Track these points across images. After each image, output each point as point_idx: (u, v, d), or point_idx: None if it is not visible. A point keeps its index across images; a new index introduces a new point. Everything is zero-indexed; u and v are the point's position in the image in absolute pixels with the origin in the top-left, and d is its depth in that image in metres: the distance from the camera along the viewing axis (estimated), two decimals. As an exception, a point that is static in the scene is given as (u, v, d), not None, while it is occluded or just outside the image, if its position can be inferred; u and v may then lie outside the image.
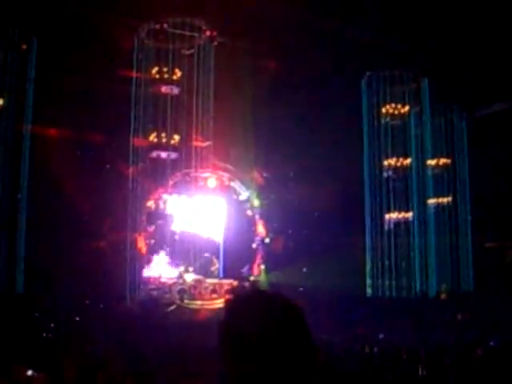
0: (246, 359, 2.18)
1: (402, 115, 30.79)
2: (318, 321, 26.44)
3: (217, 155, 28.42)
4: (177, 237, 28.28)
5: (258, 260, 29.14)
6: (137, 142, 27.48)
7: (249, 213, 29.64)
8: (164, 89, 28.02)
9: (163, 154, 28.03)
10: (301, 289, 27.41)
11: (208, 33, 28.03)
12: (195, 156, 28.06)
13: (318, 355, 2.24)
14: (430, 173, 30.85)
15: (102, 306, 25.01)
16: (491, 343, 16.64)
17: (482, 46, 26.23)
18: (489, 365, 12.20)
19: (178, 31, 27.64)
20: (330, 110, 28.25)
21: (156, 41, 27.64)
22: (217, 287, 27.96)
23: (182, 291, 27.30)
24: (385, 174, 30.44)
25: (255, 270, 28.94)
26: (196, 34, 27.99)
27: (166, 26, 27.43)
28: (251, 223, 29.65)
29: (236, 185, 29.52)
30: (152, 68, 27.98)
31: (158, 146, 27.94)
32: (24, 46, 25.03)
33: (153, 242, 28.05)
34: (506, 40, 25.58)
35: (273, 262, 29.02)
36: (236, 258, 29.16)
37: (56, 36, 24.70)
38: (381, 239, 30.01)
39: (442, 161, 31.02)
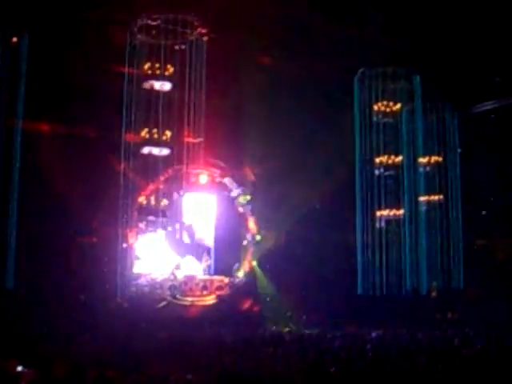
0: None
1: (394, 113, 30.78)
2: (309, 317, 26.54)
3: (208, 152, 28.37)
4: (168, 233, 28.26)
5: (249, 256, 29.15)
6: (128, 137, 27.39)
7: (240, 209, 29.65)
8: (156, 85, 27.95)
9: (155, 150, 27.96)
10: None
11: (200, 29, 27.94)
12: (187, 152, 27.99)
13: None
14: (421, 170, 30.88)
15: (92, 301, 24.94)
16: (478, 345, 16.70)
17: (475, 45, 26.27)
18: (478, 363, 12.24)
19: (171, 27, 27.54)
20: (323, 106, 28.23)
21: (148, 36, 27.54)
22: (207, 284, 27.97)
23: (172, 287, 27.29)
24: (376, 172, 30.44)
25: (246, 267, 28.95)
26: (188, 30, 27.90)
27: (158, 21, 27.32)
28: (242, 220, 29.65)
29: (227, 181, 29.51)
30: (144, 64, 27.88)
31: (150, 142, 27.86)
32: (15, 40, 24.87)
33: (144, 237, 28.03)
34: (499, 38, 25.63)
35: (263, 258, 29.05)
36: (227, 255, 29.18)
37: (48, 31, 24.58)
38: (372, 236, 30.03)
39: (434, 158, 31.04)
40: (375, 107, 30.64)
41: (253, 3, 26.35)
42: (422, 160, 30.96)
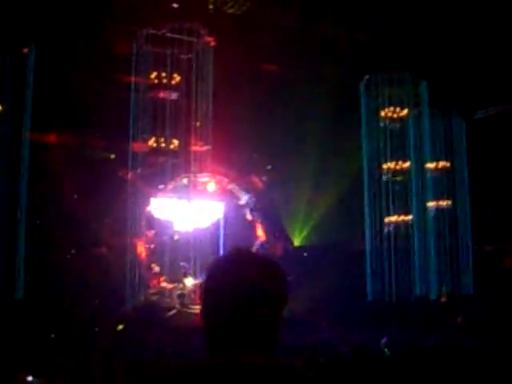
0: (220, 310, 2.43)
1: (400, 118, 30.75)
2: (318, 325, 26.45)
3: (216, 160, 28.41)
4: (176, 241, 28.27)
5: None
6: (136, 146, 27.46)
7: (248, 217, 29.63)
8: (162, 94, 28.01)
9: (162, 159, 28.02)
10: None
11: (206, 37, 28.01)
12: (194, 161, 28.04)
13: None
14: (429, 176, 30.81)
15: (102, 311, 24.96)
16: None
17: (481, 49, 26.26)
18: (488, 368, 12.20)
19: (177, 36, 27.62)
20: (329, 113, 28.24)
21: (154, 46, 27.62)
22: (216, 291, 27.91)
23: (181, 296, 27.29)
24: (384, 178, 30.40)
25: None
26: (194, 39, 27.96)
27: (164, 31, 27.41)
28: (250, 227, 29.63)
29: (235, 189, 29.51)
30: (150, 73, 27.97)
31: (157, 151, 27.94)
32: (23, 51, 24.96)
33: (152, 246, 28.05)
34: (505, 43, 25.62)
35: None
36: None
37: (54, 41, 24.71)
38: (380, 243, 29.95)
39: (441, 164, 30.98)
40: (382, 113, 30.61)
41: (258, 12, 26.44)
42: (430, 165, 30.91)
